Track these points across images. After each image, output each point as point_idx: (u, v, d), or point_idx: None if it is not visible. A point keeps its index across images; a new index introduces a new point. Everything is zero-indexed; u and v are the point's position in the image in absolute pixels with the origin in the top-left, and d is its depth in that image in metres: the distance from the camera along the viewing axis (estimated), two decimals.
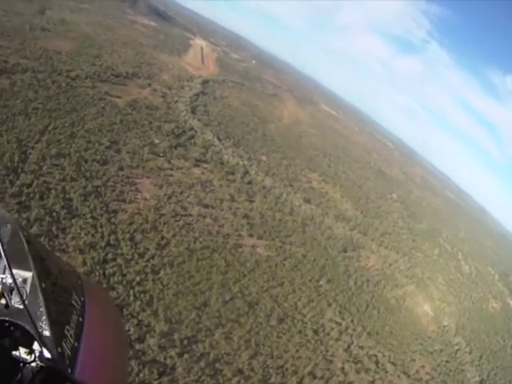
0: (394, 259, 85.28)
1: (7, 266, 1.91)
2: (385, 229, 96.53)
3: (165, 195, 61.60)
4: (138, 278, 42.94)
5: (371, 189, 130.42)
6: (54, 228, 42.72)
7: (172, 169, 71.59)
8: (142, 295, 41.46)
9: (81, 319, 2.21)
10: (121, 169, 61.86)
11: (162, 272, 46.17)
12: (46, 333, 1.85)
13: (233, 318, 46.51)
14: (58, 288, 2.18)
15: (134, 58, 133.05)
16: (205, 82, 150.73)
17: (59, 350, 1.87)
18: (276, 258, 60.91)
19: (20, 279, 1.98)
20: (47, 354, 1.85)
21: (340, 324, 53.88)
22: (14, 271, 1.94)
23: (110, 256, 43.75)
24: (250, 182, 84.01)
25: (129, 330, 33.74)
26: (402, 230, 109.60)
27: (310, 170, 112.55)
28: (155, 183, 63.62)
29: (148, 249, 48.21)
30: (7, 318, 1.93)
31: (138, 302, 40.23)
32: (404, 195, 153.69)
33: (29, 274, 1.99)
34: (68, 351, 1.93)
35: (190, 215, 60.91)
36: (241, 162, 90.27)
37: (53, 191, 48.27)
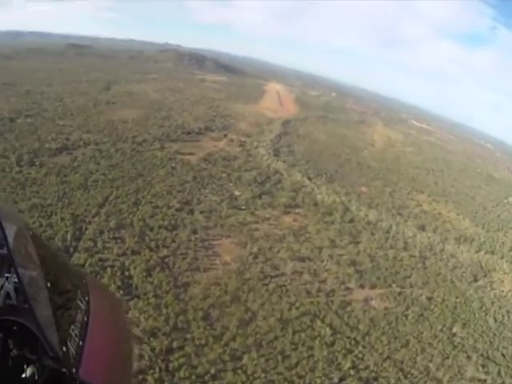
0: None
1: (13, 265, 1.99)
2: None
3: (250, 254, 52.93)
4: (212, 370, 33.59)
5: (485, 197, 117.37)
6: None
7: (257, 221, 63.36)
8: None
9: (86, 318, 2.32)
10: (194, 232, 54.98)
11: (245, 357, 36.20)
12: (51, 332, 1.92)
13: None
14: (63, 288, 2.32)
15: (206, 113, 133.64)
16: (285, 123, 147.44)
17: (64, 349, 1.96)
18: (396, 310, 51.41)
19: (26, 279, 2.01)
20: (52, 354, 1.92)
21: (485, 382, 43.60)
22: (21, 270, 1.99)
23: (176, 344, 35.47)
24: (351, 220, 73.22)
25: None
26: None
27: (416, 191, 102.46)
28: (237, 242, 55.46)
29: (227, 328, 38.88)
30: (12, 318, 2.00)
31: None
32: None
33: (35, 274, 2.05)
34: (73, 351, 2.04)
35: (283, 274, 51.12)
36: (338, 199, 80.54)
37: (109, 269, 42.31)
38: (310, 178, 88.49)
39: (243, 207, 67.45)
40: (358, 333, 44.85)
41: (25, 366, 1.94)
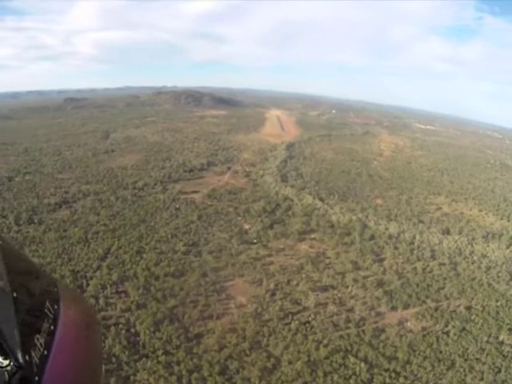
0: None
1: None
2: None
3: (266, 292, 49.09)
4: None
5: (504, 188, 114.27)
6: (112, 381, 32.14)
7: (271, 254, 59.71)
8: None
9: (52, 327, 2.27)
10: (204, 275, 51.46)
11: None
12: (14, 341, 1.93)
13: None
14: (30, 296, 2.28)
15: (208, 148, 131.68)
16: (289, 147, 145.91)
17: (27, 358, 1.95)
18: (435, 329, 46.87)
19: None
20: (15, 362, 1.94)
21: None
22: None
23: None
24: (372, 237, 69.21)
25: None
26: None
27: (433, 194, 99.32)
28: (251, 280, 51.73)
29: (249, 380, 34.75)
30: None
31: None
32: None
33: (0, 283, 2.07)
34: (36, 359, 2.01)
35: (305, 309, 46.98)
36: (354, 217, 76.85)
37: (112, 328, 38.80)
38: (321, 199, 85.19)
39: (255, 241, 64.06)
40: (397, 363, 40.45)
41: None
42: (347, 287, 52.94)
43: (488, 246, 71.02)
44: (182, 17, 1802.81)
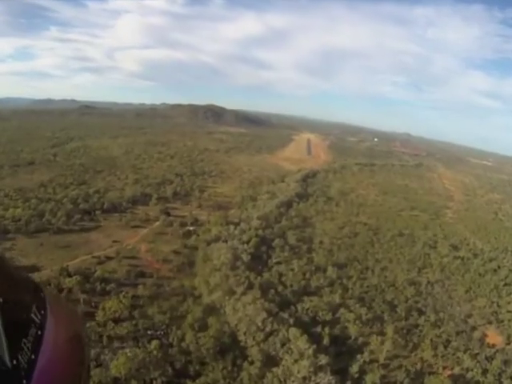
0: None
1: None
2: None
3: None
4: None
5: None
6: None
7: None
8: None
9: (39, 332, 2.18)
10: None
11: None
12: (1, 346, 1.85)
13: None
14: (17, 302, 2.17)
15: (175, 169, 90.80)
16: (308, 177, 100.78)
17: (14, 362, 1.88)
18: None
19: None
20: (2, 367, 1.84)
21: None
22: None
23: None
24: None
25: None
26: None
27: None
28: None
29: None
30: None
31: None
32: None
33: None
34: (24, 364, 1.94)
35: None
36: None
37: None
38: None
39: None
40: None
41: None
42: None
43: None
44: (224, 40, 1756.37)
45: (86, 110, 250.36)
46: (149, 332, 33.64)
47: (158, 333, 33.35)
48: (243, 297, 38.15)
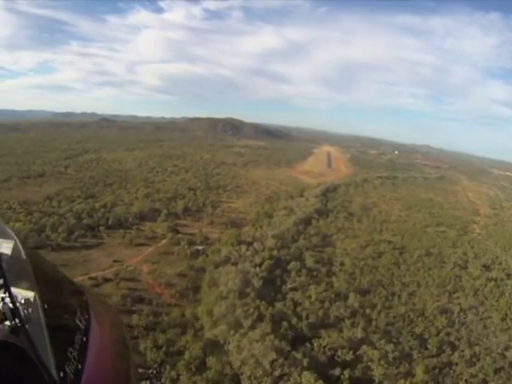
0: None
1: (7, 286, 1.89)
2: None
3: None
4: None
5: None
6: None
7: None
8: None
9: (85, 339, 2.15)
10: None
11: None
12: (47, 356, 1.81)
13: None
14: (61, 307, 2.18)
15: (189, 183, 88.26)
16: (329, 191, 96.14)
17: (61, 374, 1.83)
18: None
19: (22, 299, 1.95)
20: (49, 379, 1.80)
21: None
22: (16, 290, 1.93)
23: None
24: None
25: None
26: None
27: None
28: None
29: None
30: (9, 340, 1.86)
31: None
32: None
33: (31, 294, 1.97)
34: (71, 375, 1.90)
35: None
36: None
37: None
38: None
39: None
40: None
41: None
42: None
43: None
44: (243, 54, 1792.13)
45: (105, 122, 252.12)
46: (139, 370, 29.86)
47: (150, 372, 29.44)
48: (250, 332, 33.23)
